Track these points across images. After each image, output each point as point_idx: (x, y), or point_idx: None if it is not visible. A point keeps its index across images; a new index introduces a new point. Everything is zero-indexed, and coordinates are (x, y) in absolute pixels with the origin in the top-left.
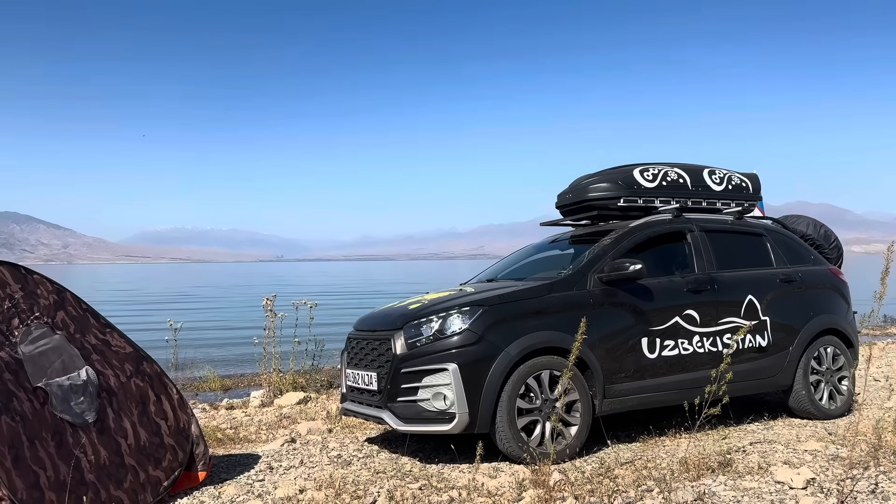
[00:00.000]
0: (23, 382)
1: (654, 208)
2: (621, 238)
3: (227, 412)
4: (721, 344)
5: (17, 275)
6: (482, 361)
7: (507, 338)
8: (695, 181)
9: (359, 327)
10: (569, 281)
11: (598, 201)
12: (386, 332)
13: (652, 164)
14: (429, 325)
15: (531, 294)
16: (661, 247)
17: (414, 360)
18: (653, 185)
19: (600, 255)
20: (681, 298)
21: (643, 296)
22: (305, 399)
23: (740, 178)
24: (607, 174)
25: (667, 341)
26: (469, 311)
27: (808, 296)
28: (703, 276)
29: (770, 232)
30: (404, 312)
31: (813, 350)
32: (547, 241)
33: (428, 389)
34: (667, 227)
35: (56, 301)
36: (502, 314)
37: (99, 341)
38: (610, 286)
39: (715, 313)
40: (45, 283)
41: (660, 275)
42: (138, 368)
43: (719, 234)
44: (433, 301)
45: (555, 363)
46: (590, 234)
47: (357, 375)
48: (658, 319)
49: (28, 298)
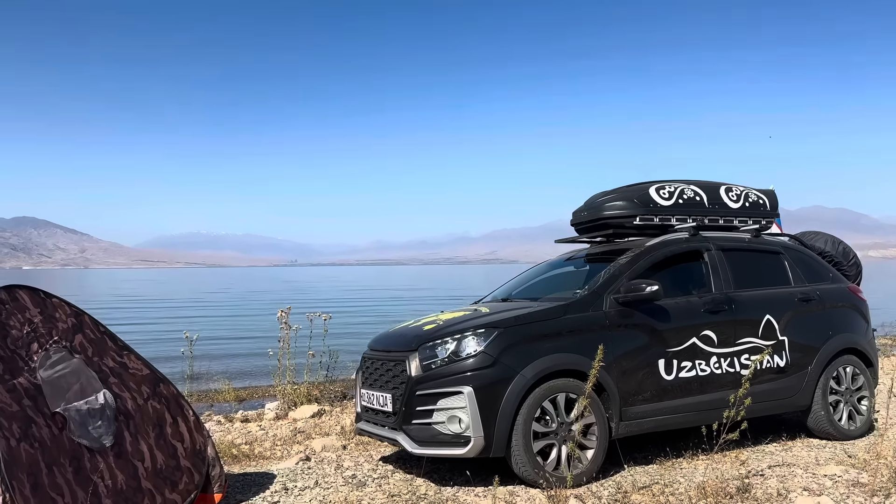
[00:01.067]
0: (41, 408)
1: (671, 226)
2: (637, 258)
3: (242, 425)
4: (739, 364)
5: (36, 298)
6: (497, 384)
7: (523, 360)
8: (711, 199)
9: (373, 347)
10: (584, 302)
11: (614, 219)
12: (401, 354)
13: (668, 181)
14: (444, 346)
15: (546, 315)
16: (678, 266)
17: (429, 382)
18: (669, 203)
19: (616, 276)
20: (698, 319)
21: (660, 316)
22: (320, 412)
23: (757, 195)
24: (623, 192)
25: (684, 362)
26: (484, 333)
27: (827, 315)
28: (720, 296)
29: (788, 250)
30: (419, 333)
31: (832, 370)
32: (562, 259)
33: (443, 412)
34: (683, 247)
35: (74, 324)
36: (518, 336)
37: (116, 364)
38: (626, 307)
39: (732, 333)
40: (63, 306)
41: (676, 295)
42: (155, 391)
43: (736, 253)
44: (448, 322)
45: (571, 386)
46: (606, 252)
47: (372, 396)
48: (675, 340)
49: (47, 322)
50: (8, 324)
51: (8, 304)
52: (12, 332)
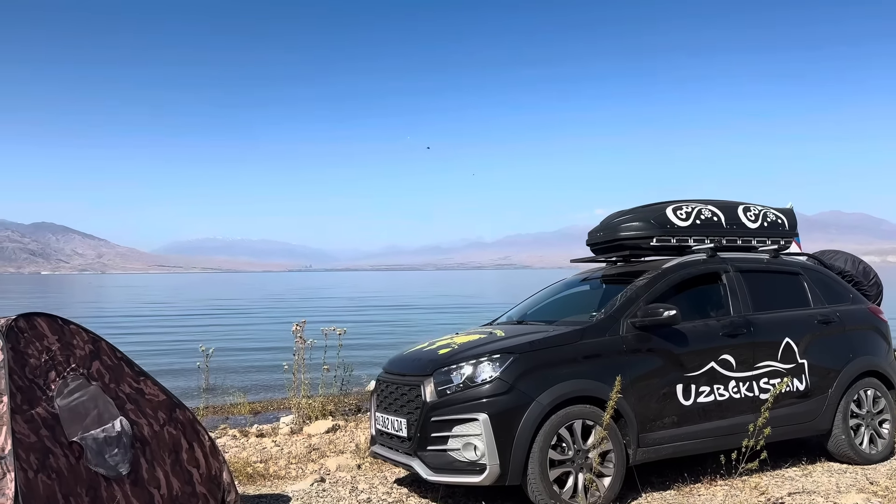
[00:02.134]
0: (59, 437)
1: (688, 247)
2: (654, 280)
3: (257, 440)
4: (758, 389)
5: (54, 326)
6: (513, 411)
7: (539, 387)
8: (729, 219)
9: (388, 370)
10: (601, 326)
11: (631, 240)
12: (416, 378)
13: (685, 201)
14: (459, 371)
15: (562, 341)
16: (696, 289)
17: (444, 408)
18: (686, 224)
19: (633, 299)
20: (716, 342)
21: (677, 341)
22: (334, 427)
23: (776, 215)
24: (639, 213)
25: (702, 387)
26: (500, 358)
27: (847, 337)
28: (738, 319)
29: (807, 270)
30: (434, 358)
31: (853, 393)
32: (578, 279)
33: (458, 439)
34: (701, 269)
35: (92, 351)
36: (533, 362)
37: (133, 390)
38: (643, 331)
39: (751, 357)
40: (81, 333)
41: (694, 318)
42: (171, 416)
43: (755, 274)
44: (463, 346)
45: (587, 413)
46: (622, 273)
47: (386, 420)
48: (693, 365)
49: (65, 350)
50: (26, 352)
51: (26, 333)
52: (31, 360)
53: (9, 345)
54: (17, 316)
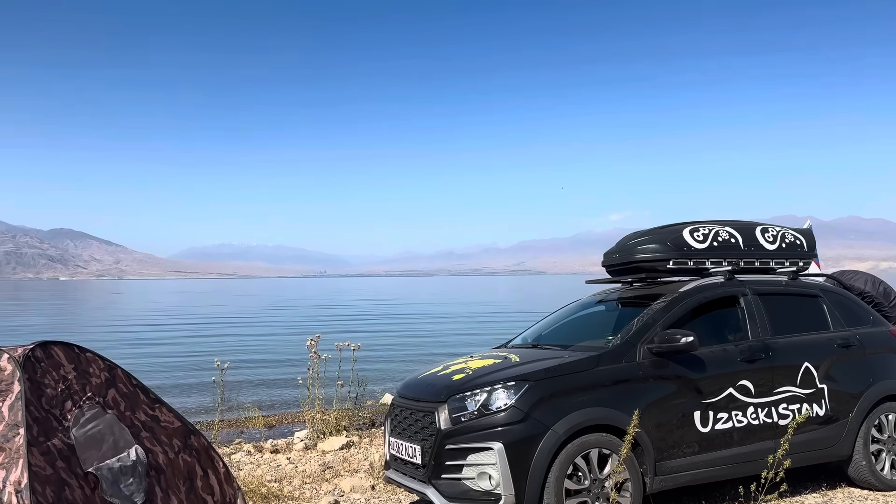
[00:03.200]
0: (74, 469)
1: (705, 270)
2: (671, 305)
3: (272, 456)
4: (777, 414)
5: (70, 354)
6: (528, 440)
7: (555, 415)
8: (747, 240)
9: (402, 394)
10: (617, 352)
11: (647, 263)
12: (430, 404)
13: (702, 223)
14: (473, 398)
15: (578, 367)
16: (713, 313)
17: (458, 436)
18: (703, 246)
19: (650, 324)
20: (734, 368)
21: (695, 367)
22: (348, 444)
23: (794, 236)
24: (656, 234)
25: (720, 414)
26: (514, 386)
27: (868, 360)
28: (757, 344)
29: (826, 292)
30: (448, 384)
31: (873, 418)
32: (594, 299)
33: (473, 468)
34: (718, 292)
35: (108, 378)
36: (549, 390)
37: (148, 417)
38: (660, 357)
39: (770, 383)
40: (97, 360)
41: (712, 343)
42: (186, 443)
43: (773, 297)
44: (477, 371)
45: (604, 441)
46: (638, 296)
47: (401, 446)
48: (711, 391)
49: (81, 378)
50: (43, 382)
51: (43, 363)
52: (47, 391)
53: (25, 375)
54: (34, 345)
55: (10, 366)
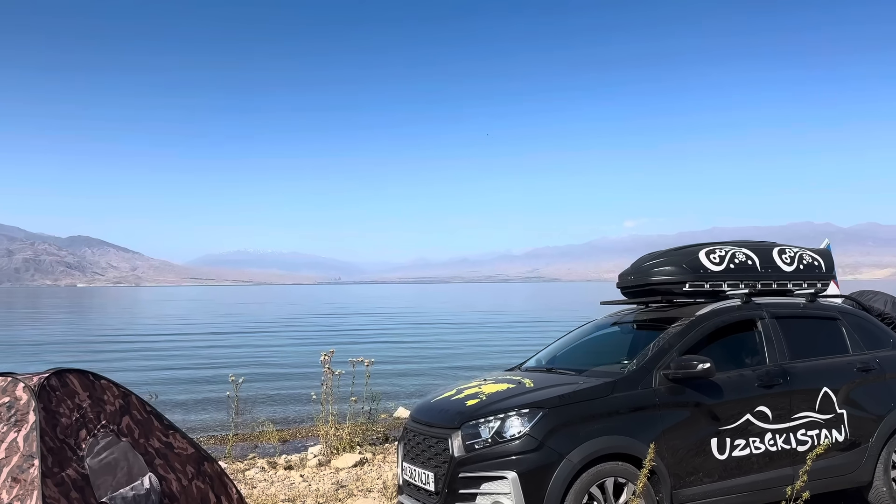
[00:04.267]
0: (88, 499)
1: (722, 292)
2: (688, 329)
3: (285, 473)
4: (795, 441)
5: (85, 382)
6: (543, 470)
7: (569, 443)
8: (764, 262)
9: (416, 418)
10: (633, 379)
11: (663, 285)
12: (443, 430)
13: (718, 244)
14: (487, 425)
15: (593, 394)
16: (730, 337)
17: (472, 464)
18: (720, 269)
19: (666, 350)
20: (751, 393)
21: (712, 393)
22: (361, 461)
23: (812, 257)
24: (672, 256)
25: (737, 440)
26: (529, 413)
27: (888, 385)
28: (774, 369)
29: (845, 315)
30: (462, 410)
31: (894, 443)
32: (609, 321)
33: (486, 497)
34: (735, 316)
35: (122, 406)
36: (563, 417)
37: (162, 444)
38: (676, 383)
39: (788, 408)
40: (111, 387)
41: (729, 368)
42: (199, 469)
43: (791, 321)
44: (491, 397)
45: (620, 470)
46: (654, 319)
47: (414, 471)
48: (728, 418)
49: (95, 406)
50: (58, 412)
51: (58, 391)
52: (62, 420)
53: (40, 405)
54: (49, 373)
55: (25, 395)
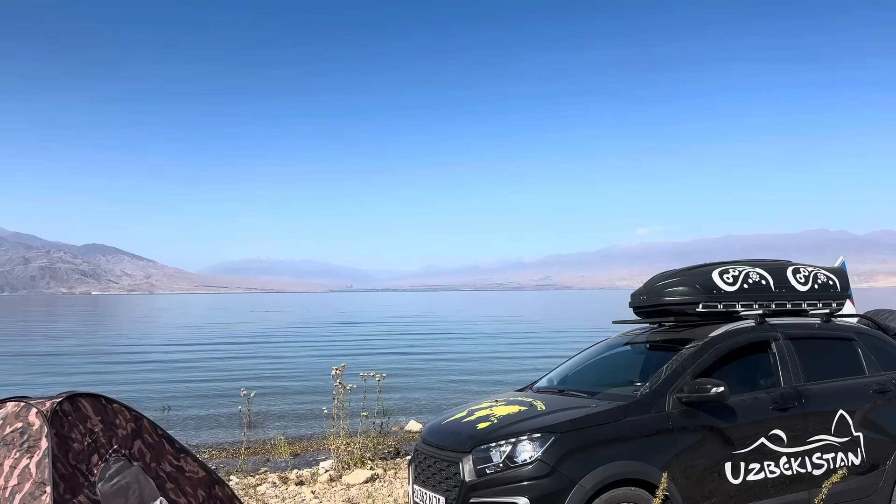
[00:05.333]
0: None
1: (736, 313)
2: (701, 351)
3: (296, 489)
4: (810, 464)
5: (97, 406)
6: (555, 496)
7: (582, 469)
8: (778, 282)
9: (427, 440)
10: (646, 402)
11: (676, 306)
12: (454, 454)
13: (732, 263)
14: (498, 449)
15: (606, 418)
16: (744, 359)
17: (483, 489)
18: (733, 289)
19: (679, 372)
20: (766, 416)
21: (726, 416)
22: (373, 477)
23: (826, 276)
24: (685, 276)
25: (752, 464)
26: (540, 438)
27: None
28: (789, 391)
29: (861, 335)
30: (473, 433)
31: None
32: (621, 341)
33: None
34: (749, 337)
35: (134, 429)
36: (575, 442)
37: (173, 468)
38: (690, 406)
39: (803, 431)
40: (123, 411)
41: (743, 390)
42: (210, 493)
43: (806, 341)
44: (502, 420)
45: (632, 496)
46: (667, 340)
47: (425, 495)
48: (742, 441)
49: (107, 430)
50: (70, 437)
51: (70, 416)
52: (74, 445)
53: (53, 430)
54: (61, 397)
55: (38, 420)
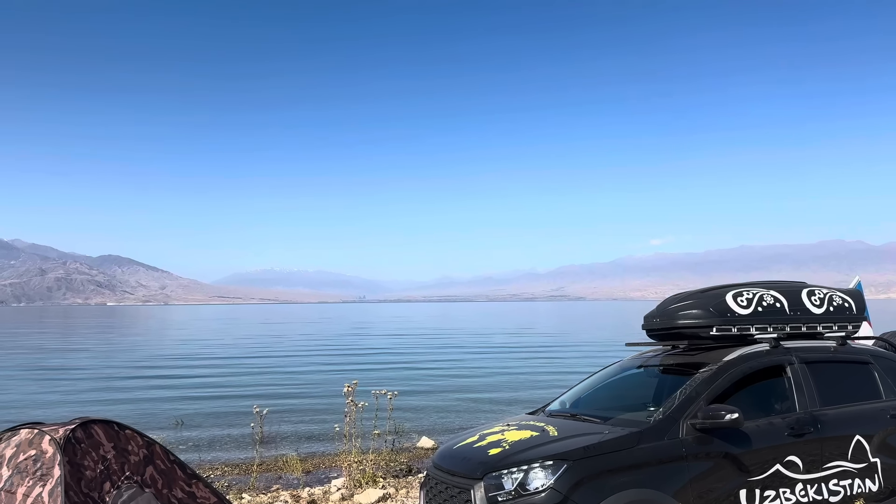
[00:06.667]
0: None
1: (750, 336)
2: (715, 376)
3: None
4: (827, 491)
5: (110, 432)
6: None
7: (594, 497)
8: (793, 304)
9: (438, 465)
10: (659, 429)
11: (689, 329)
12: (466, 480)
13: (746, 286)
14: (510, 477)
15: (619, 445)
16: (759, 384)
17: None
18: (747, 312)
19: (693, 398)
20: (781, 442)
21: (740, 443)
22: (385, 496)
23: (842, 298)
24: (698, 299)
25: (767, 491)
26: (553, 465)
27: None
28: (804, 416)
29: (877, 359)
30: (484, 459)
31: None
32: (634, 363)
33: None
34: (764, 361)
35: (146, 455)
36: (588, 470)
37: (185, 494)
38: (704, 433)
39: (819, 457)
40: (135, 437)
41: (758, 416)
42: None
43: (821, 365)
44: (514, 446)
45: None
46: (681, 364)
47: None
48: (757, 468)
49: (120, 457)
50: (82, 464)
51: (83, 443)
52: (86, 472)
53: (65, 458)
54: (75, 424)
55: (51, 448)
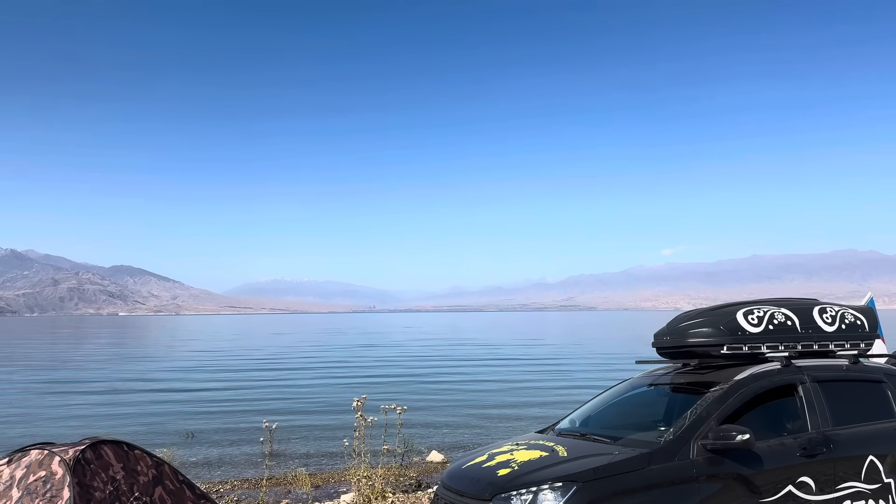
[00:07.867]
0: None
1: (761, 355)
2: (726, 396)
3: None
4: None
5: (119, 453)
6: None
7: None
8: (804, 322)
9: (447, 485)
10: (669, 450)
11: (699, 347)
12: (475, 501)
13: (757, 303)
14: (519, 498)
15: (629, 466)
16: (770, 403)
17: None
18: (758, 330)
19: (703, 418)
20: (793, 462)
21: (752, 464)
22: None
23: (854, 316)
24: (709, 317)
25: None
26: (562, 487)
27: None
28: (816, 436)
29: (890, 377)
30: (493, 480)
31: None
32: (644, 381)
33: None
34: (775, 380)
35: (155, 476)
36: (598, 491)
37: None
38: (715, 454)
39: (832, 478)
40: (145, 457)
41: (769, 436)
42: None
43: (833, 384)
44: (523, 467)
45: None
46: (691, 383)
47: None
48: (769, 489)
49: (129, 478)
50: (92, 486)
51: (93, 464)
52: (96, 494)
53: (75, 479)
54: (84, 445)
55: (60, 469)
